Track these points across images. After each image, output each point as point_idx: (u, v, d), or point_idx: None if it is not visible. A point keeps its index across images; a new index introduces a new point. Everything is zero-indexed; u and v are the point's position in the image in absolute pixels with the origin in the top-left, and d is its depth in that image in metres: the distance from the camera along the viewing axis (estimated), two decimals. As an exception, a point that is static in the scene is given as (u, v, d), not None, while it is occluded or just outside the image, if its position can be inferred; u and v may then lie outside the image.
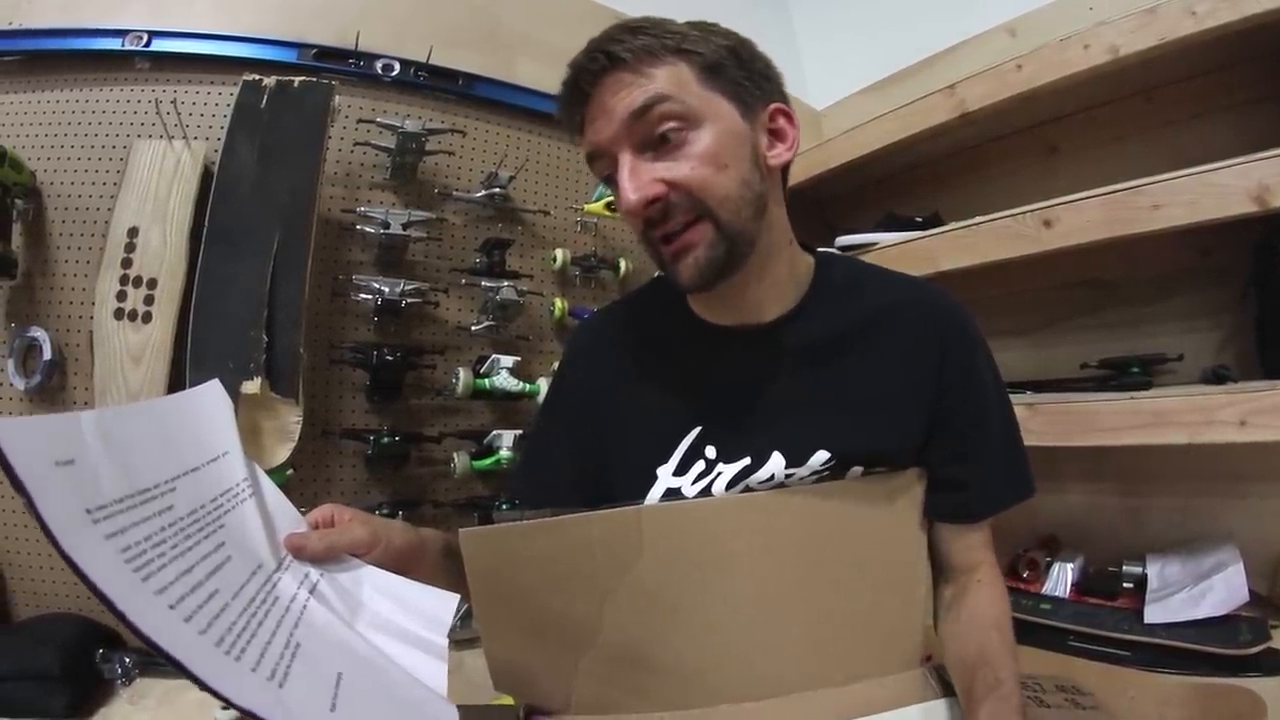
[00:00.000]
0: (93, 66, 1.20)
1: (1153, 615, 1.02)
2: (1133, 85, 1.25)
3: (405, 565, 0.56)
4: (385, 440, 1.24)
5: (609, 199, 1.42)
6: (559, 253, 1.48)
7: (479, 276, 1.36)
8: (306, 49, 1.29)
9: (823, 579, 0.60)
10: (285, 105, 1.17)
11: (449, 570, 0.61)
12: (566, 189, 1.55)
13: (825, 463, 0.60)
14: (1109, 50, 1.07)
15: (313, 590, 0.46)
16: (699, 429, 0.64)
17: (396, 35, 1.38)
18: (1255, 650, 0.91)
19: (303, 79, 1.19)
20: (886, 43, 1.83)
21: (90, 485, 0.34)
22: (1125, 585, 1.12)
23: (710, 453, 0.63)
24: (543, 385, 1.37)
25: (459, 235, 1.41)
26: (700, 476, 0.63)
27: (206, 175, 1.15)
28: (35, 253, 1.14)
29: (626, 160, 0.56)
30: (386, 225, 1.27)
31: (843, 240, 1.46)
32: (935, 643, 0.65)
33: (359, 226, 1.28)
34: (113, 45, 1.19)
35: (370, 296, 1.25)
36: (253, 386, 1.05)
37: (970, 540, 0.66)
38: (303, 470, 1.19)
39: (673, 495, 0.63)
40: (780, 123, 0.62)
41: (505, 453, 1.33)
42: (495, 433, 1.35)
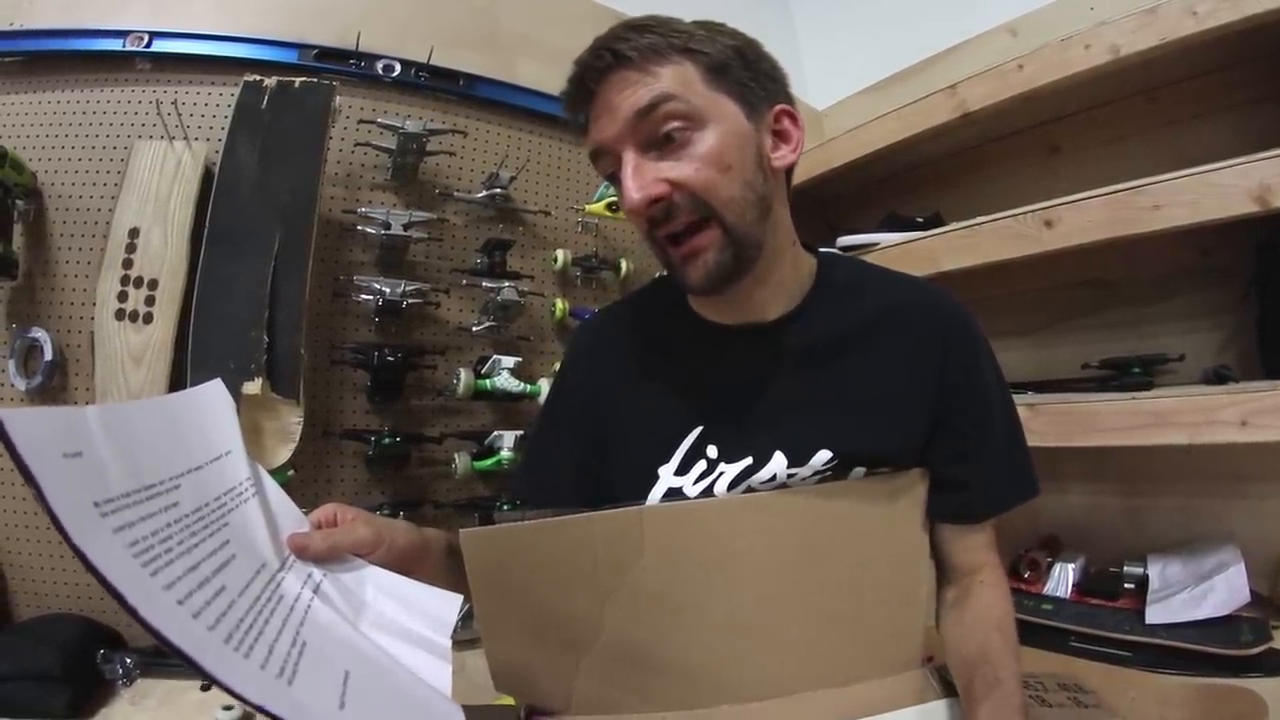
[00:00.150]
0: (93, 67, 1.19)
1: (1154, 616, 1.02)
2: (1134, 85, 1.25)
3: (408, 565, 0.56)
4: (386, 441, 1.24)
5: (610, 199, 1.42)
6: (560, 253, 1.48)
7: (480, 277, 1.36)
8: (307, 49, 1.29)
9: (824, 579, 0.60)
10: (286, 106, 1.17)
11: (452, 570, 0.61)
12: (567, 189, 1.55)
13: (827, 463, 0.60)
14: (1110, 50, 1.08)
15: (316, 590, 0.45)
16: (701, 429, 0.64)
17: (397, 36, 1.38)
18: (1256, 651, 0.92)
19: (303, 79, 1.19)
20: (888, 42, 1.83)
21: (98, 478, 0.33)
22: (1126, 586, 1.12)
23: (712, 452, 0.63)
24: (544, 386, 1.37)
25: (460, 236, 1.41)
26: (702, 476, 0.63)
27: (207, 176, 1.15)
28: (36, 253, 1.14)
29: (630, 159, 0.56)
30: (387, 226, 1.26)
31: (844, 240, 1.46)
32: (936, 643, 0.65)
33: (360, 227, 1.28)
34: (113, 46, 1.19)
35: (371, 297, 1.25)
36: (254, 387, 1.05)
37: (973, 541, 0.66)
38: (304, 471, 1.19)
39: (674, 495, 0.63)
40: (785, 124, 0.61)
41: (506, 453, 1.33)
42: (496, 433, 1.35)
